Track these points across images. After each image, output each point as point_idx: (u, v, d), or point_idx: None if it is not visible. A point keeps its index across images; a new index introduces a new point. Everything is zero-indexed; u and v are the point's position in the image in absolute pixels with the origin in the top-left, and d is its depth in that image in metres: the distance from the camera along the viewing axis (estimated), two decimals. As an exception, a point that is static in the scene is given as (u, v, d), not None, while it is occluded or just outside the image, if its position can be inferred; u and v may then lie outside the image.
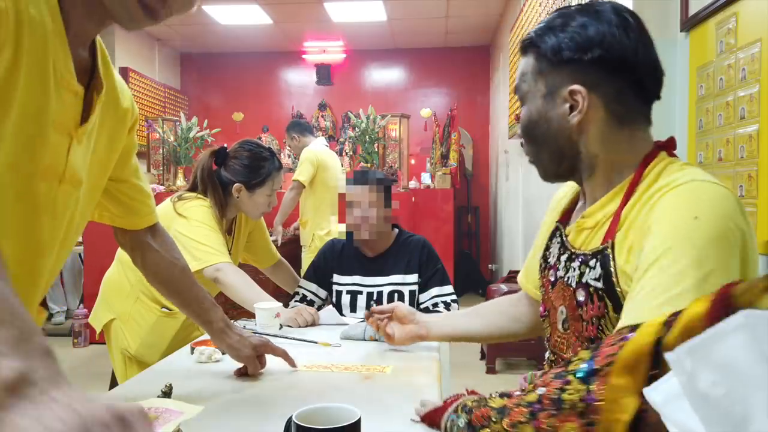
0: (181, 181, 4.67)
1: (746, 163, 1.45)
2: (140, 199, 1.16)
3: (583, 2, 1.04)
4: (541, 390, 0.73)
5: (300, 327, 1.73)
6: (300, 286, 2.08)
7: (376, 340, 1.56)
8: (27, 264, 0.87)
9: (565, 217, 1.06)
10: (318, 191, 4.03)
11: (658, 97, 0.94)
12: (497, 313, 1.33)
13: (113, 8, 0.82)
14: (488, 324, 1.33)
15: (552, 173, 1.00)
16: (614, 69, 0.88)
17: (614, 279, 0.87)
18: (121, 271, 1.88)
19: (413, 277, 1.96)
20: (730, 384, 0.39)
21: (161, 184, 4.76)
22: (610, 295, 0.88)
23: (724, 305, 0.58)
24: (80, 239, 4.74)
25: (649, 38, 0.92)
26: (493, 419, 0.77)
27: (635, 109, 0.92)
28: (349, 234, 1.98)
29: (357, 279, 1.99)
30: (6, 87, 0.74)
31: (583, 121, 0.91)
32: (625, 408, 0.64)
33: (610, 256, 0.87)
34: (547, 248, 1.07)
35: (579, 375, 0.72)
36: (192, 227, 1.76)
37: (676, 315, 0.64)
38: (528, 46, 0.96)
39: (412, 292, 1.97)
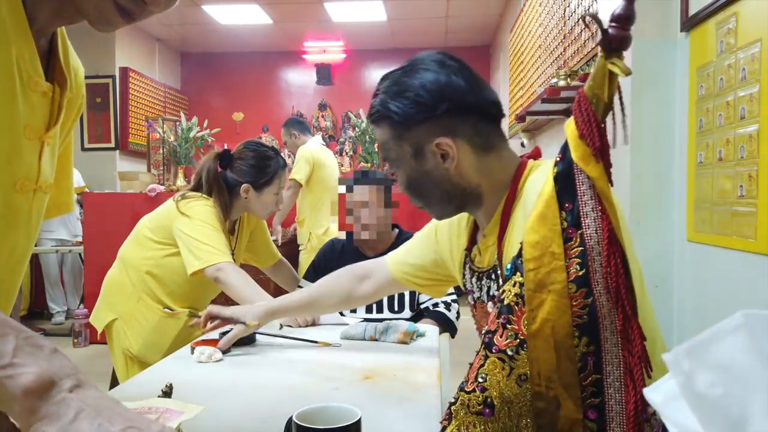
0: (181, 181, 4.66)
1: (746, 163, 1.45)
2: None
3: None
4: (487, 335, 0.82)
5: (300, 327, 1.73)
6: (300, 286, 2.08)
7: (376, 340, 1.57)
8: (6, 281, 0.82)
9: (470, 243, 1.12)
10: (315, 190, 4.03)
11: (503, 116, 1.03)
12: (338, 296, 1.42)
13: (87, 11, 0.77)
14: (330, 306, 1.47)
15: (443, 214, 1.09)
16: (462, 111, 0.97)
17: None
18: (123, 271, 1.89)
19: (413, 277, 1.96)
20: (728, 385, 0.39)
21: (161, 184, 4.76)
22: None
23: (580, 106, 0.76)
24: (80, 239, 4.74)
25: (470, 70, 1.00)
26: (455, 398, 0.83)
27: (492, 133, 1.00)
28: (348, 234, 1.98)
29: (357, 279, 1.99)
30: None
31: (456, 163, 0.98)
32: (555, 244, 0.76)
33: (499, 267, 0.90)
34: (463, 276, 1.14)
35: (507, 273, 0.83)
36: (195, 226, 1.76)
37: (564, 148, 0.80)
38: (378, 118, 1.02)
39: (412, 293, 1.97)
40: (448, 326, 1.90)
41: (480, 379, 0.79)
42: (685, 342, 0.42)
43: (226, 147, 1.97)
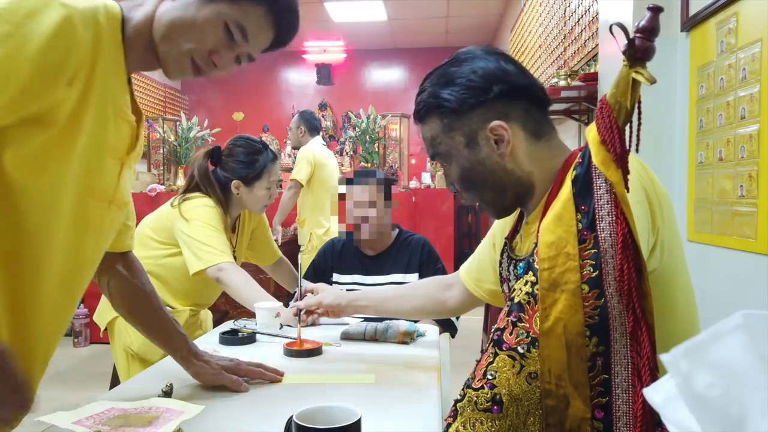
0: (181, 181, 4.67)
1: (747, 163, 1.45)
2: (126, 222, 1.13)
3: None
4: (497, 332, 0.83)
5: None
6: (300, 286, 2.08)
7: (376, 340, 1.57)
8: (69, 281, 0.92)
9: (512, 233, 1.12)
10: (315, 190, 4.03)
11: (551, 103, 1.03)
12: (422, 297, 1.46)
13: (166, 61, 0.92)
14: (413, 306, 1.46)
15: (501, 208, 1.05)
16: (515, 95, 0.96)
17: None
18: (124, 270, 1.89)
19: (413, 277, 1.96)
20: (726, 385, 0.39)
21: (161, 184, 4.76)
22: None
23: (603, 112, 0.80)
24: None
25: (519, 64, 1.02)
26: (461, 394, 0.84)
27: (543, 120, 1.00)
28: (348, 234, 1.98)
29: (357, 278, 1.99)
30: (78, 114, 0.83)
31: (510, 149, 0.97)
32: (570, 243, 0.79)
33: (535, 260, 0.90)
34: (500, 264, 1.14)
35: (519, 272, 0.85)
36: (196, 227, 1.77)
37: (584, 147, 0.83)
38: (427, 111, 1.01)
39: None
40: (448, 326, 1.90)
41: (489, 376, 0.80)
42: (684, 342, 0.42)
43: (219, 146, 1.97)
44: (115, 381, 1.96)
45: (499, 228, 1.24)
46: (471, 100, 0.96)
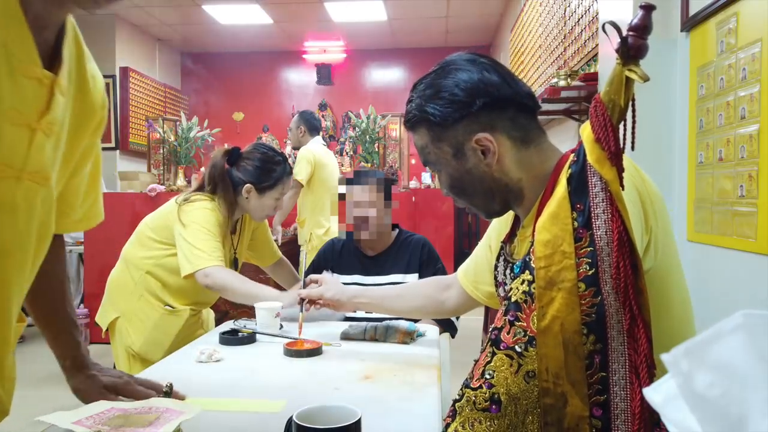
0: (181, 181, 4.67)
1: (747, 163, 1.45)
2: (77, 205, 0.99)
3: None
4: (494, 331, 0.84)
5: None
6: (304, 277, 2.07)
7: (376, 340, 1.57)
8: None
9: (508, 237, 1.12)
10: (316, 190, 4.03)
11: (539, 108, 1.03)
12: (421, 297, 1.47)
13: None
14: (412, 306, 1.48)
15: (492, 212, 1.07)
16: (499, 106, 0.96)
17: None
18: (125, 270, 1.90)
19: (413, 277, 1.96)
20: (727, 385, 0.39)
21: (161, 184, 4.76)
22: None
23: (596, 110, 0.80)
24: (81, 239, 4.73)
25: (503, 66, 1.01)
26: (460, 391, 0.84)
27: (530, 126, 1.00)
28: (348, 234, 1.98)
29: (357, 278, 1.99)
30: None
31: (497, 158, 0.98)
32: (566, 241, 0.79)
33: (532, 258, 0.90)
34: (496, 267, 1.14)
35: (515, 271, 0.85)
36: (190, 231, 1.77)
37: (579, 146, 0.84)
38: (416, 122, 1.02)
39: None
40: (448, 326, 1.90)
41: (487, 376, 0.80)
42: (684, 342, 0.42)
43: (239, 147, 1.98)
44: (115, 381, 1.96)
45: (495, 230, 1.25)
46: (455, 114, 0.97)
